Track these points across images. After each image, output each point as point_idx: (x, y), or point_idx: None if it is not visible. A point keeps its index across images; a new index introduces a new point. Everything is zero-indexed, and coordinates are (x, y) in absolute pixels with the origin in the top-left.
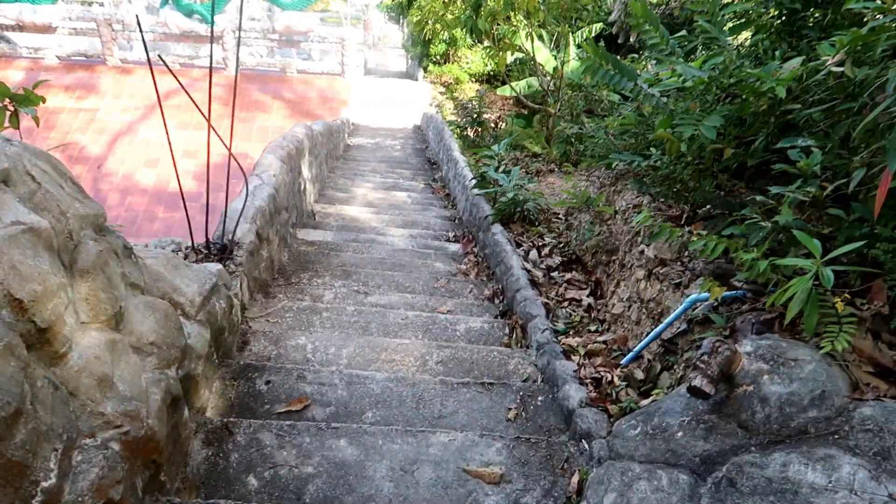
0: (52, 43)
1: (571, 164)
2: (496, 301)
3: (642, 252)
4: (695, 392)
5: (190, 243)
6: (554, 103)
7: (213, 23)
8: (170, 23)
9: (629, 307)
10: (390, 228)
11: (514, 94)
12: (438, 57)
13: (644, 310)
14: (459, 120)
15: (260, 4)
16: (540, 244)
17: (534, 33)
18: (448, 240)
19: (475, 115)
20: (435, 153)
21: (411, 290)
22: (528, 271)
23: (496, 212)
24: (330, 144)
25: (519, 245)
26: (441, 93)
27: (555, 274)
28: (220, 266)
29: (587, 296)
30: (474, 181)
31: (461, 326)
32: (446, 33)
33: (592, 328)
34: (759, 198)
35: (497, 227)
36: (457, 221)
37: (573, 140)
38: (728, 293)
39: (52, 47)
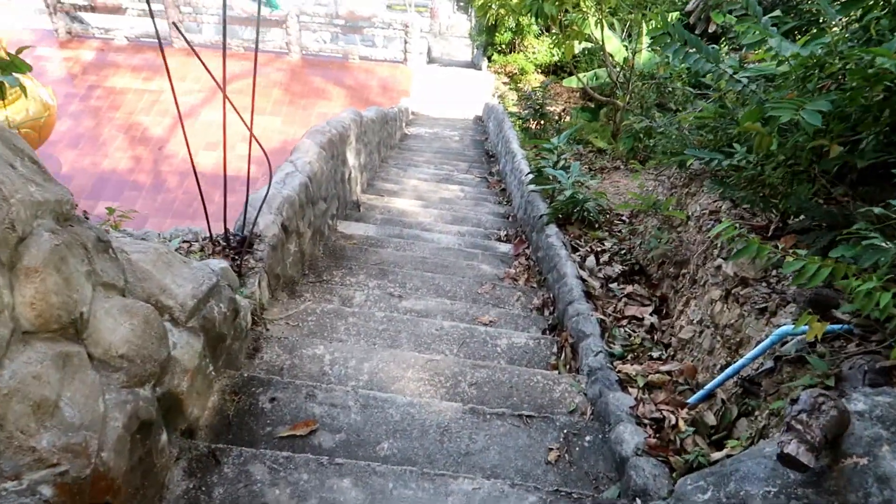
0: (122, 24)
1: (639, 161)
2: (545, 312)
3: (719, 268)
4: (788, 461)
5: (209, 234)
6: (623, 96)
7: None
8: (237, 6)
9: (700, 332)
10: (438, 224)
11: (580, 85)
12: (504, 46)
13: (719, 337)
14: (521, 111)
15: None
16: (599, 250)
17: (604, 21)
18: (499, 239)
19: (538, 107)
20: (494, 145)
21: (452, 295)
22: (584, 280)
23: (552, 211)
24: (384, 132)
25: (575, 250)
26: (505, 83)
27: (614, 286)
28: (224, 263)
29: (650, 314)
30: (530, 175)
31: (503, 342)
32: (512, 20)
33: (655, 354)
34: (876, 210)
35: (552, 229)
36: (510, 219)
37: (642, 135)
38: (831, 327)
39: (122, 28)
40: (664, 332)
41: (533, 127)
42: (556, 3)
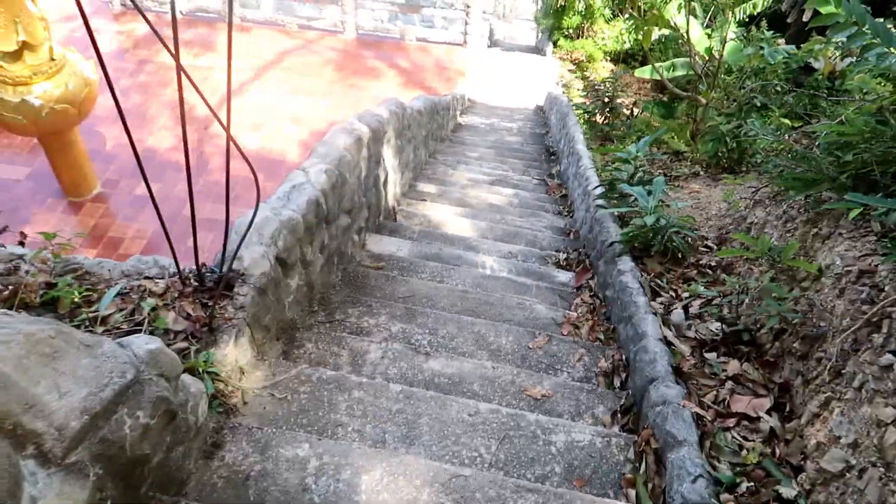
0: None
1: (723, 168)
2: (616, 381)
3: (889, 368)
4: None
5: (191, 266)
6: (706, 91)
7: None
8: None
9: (858, 470)
10: (485, 242)
11: (654, 76)
12: (571, 31)
13: (892, 479)
14: (588, 103)
15: None
16: (686, 295)
17: (686, 5)
18: (558, 264)
19: (607, 99)
20: (555, 141)
21: (495, 350)
22: (669, 344)
23: (626, 238)
24: (433, 124)
25: (656, 294)
26: (570, 70)
27: (711, 356)
28: (154, 344)
29: (768, 411)
30: (599, 189)
31: (559, 438)
32: (582, 3)
33: (782, 490)
34: None
35: (626, 262)
36: (572, 236)
37: (728, 138)
38: None
39: (178, 1)
40: (789, 443)
41: (600, 121)
42: None
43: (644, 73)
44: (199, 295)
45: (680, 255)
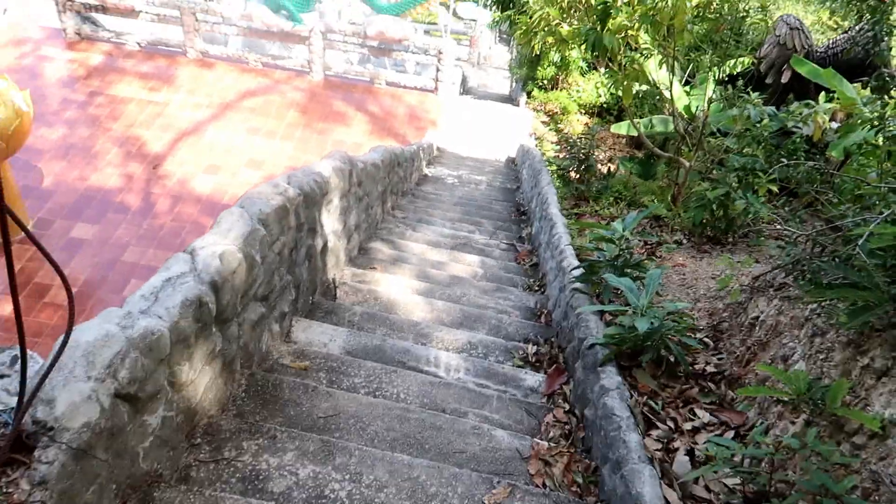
0: (135, 28)
1: (709, 238)
2: None
3: None
4: None
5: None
6: (689, 152)
7: None
8: (255, 17)
9: None
10: (440, 329)
11: (631, 132)
12: (546, 81)
13: None
14: (562, 157)
15: (362, 9)
16: (688, 427)
17: (668, 61)
18: (526, 359)
19: (584, 156)
20: (527, 199)
21: None
22: None
23: (610, 341)
24: (393, 177)
25: (650, 423)
26: (544, 122)
27: None
28: None
29: None
30: (577, 270)
31: None
32: (557, 54)
33: None
34: None
35: (610, 376)
36: (543, 319)
37: (715, 206)
38: None
39: (134, 33)
40: None
41: (574, 177)
42: (618, 33)
43: (620, 128)
44: None
45: (679, 367)
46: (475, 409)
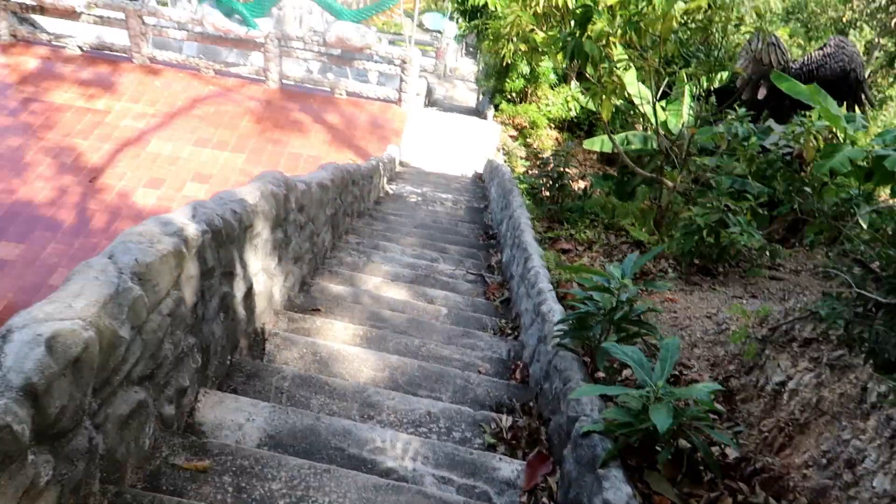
0: (77, 31)
1: (699, 268)
2: None
3: None
4: None
5: None
6: (673, 172)
7: None
8: (205, 21)
9: None
10: (391, 398)
11: (605, 149)
12: (514, 94)
13: None
14: (533, 175)
15: (325, 17)
16: None
17: (648, 74)
18: (499, 434)
19: (557, 176)
20: (496, 221)
21: None
22: None
23: (613, 430)
24: (347, 197)
25: None
26: (512, 136)
27: None
28: None
29: None
30: (562, 325)
31: None
32: (527, 66)
33: None
34: None
35: (615, 484)
36: (518, 374)
37: (706, 232)
38: None
39: (76, 36)
40: None
41: (546, 196)
42: (599, 41)
43: (594, 144)
44: None
45: (703, 472)
46: None
